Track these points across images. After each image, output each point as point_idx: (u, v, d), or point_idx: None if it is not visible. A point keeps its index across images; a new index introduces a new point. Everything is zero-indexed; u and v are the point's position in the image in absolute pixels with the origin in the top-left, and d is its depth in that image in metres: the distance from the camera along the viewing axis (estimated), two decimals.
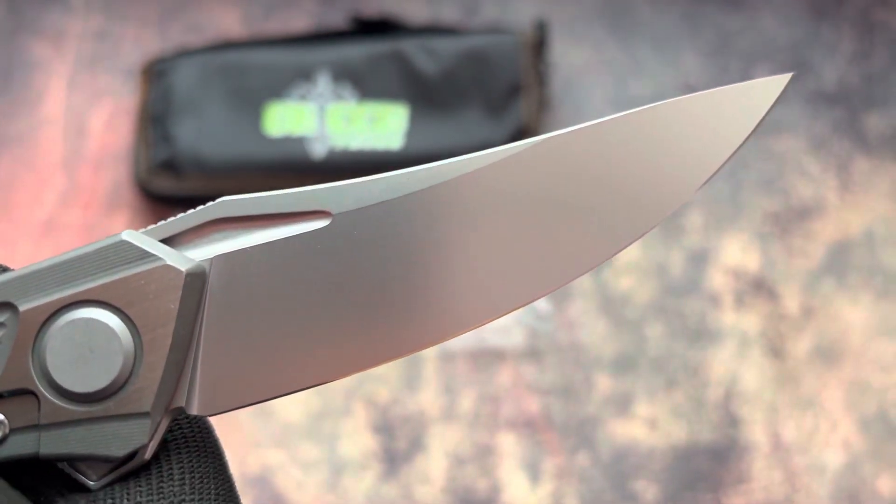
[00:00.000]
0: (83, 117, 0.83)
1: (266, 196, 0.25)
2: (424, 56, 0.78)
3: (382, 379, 0.75)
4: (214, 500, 0.25)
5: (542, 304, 0.76)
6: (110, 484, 0.25)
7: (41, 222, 0.80)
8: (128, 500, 0.24)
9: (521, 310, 0.78)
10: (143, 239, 0.25)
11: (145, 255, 0.24)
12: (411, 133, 0.77)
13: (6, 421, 0.24)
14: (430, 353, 0.75)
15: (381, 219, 0.25)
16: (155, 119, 0.79)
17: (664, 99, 0.26)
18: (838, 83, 0.83)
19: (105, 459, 0.24)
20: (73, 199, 0.80)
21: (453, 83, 0.77)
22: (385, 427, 0.73)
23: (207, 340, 0.25)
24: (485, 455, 0.73)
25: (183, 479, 0.25)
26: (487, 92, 0.77)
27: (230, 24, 0.86)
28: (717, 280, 0.77)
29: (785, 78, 0.26)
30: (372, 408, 0.74)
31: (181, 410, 0.25)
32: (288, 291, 0.25)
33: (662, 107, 0.26)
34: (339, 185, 0.25)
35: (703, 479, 0.72)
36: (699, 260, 0.78)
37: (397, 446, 0.73)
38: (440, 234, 0.25)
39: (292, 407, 0.74)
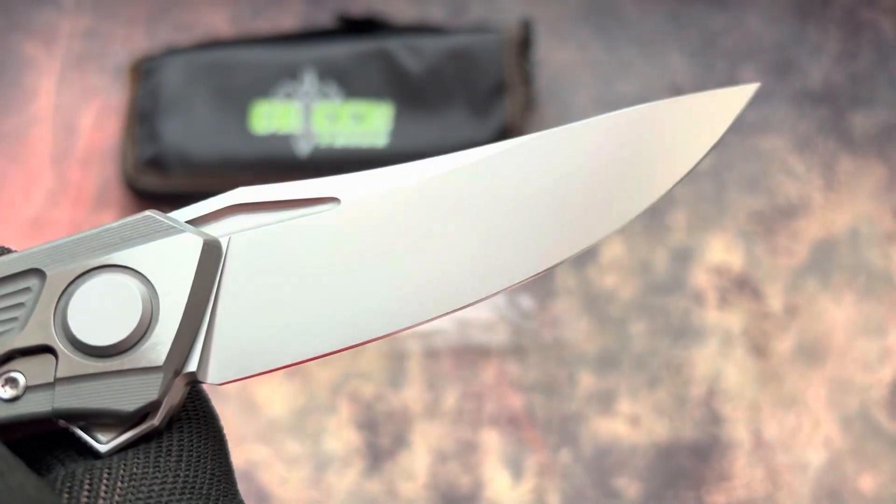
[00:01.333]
0: (72, 115, 0.84)
1: (279, 185, 0.28)
2: (409, 55, 0.78)
3: (367, 375, 0.75)
4: (209, 481, 0.26)
5: (525, 302, 0.77)
6: (120, 449, 0.25)
7: (29, 219, 0.80)
8: (124, 469, 0.25)
9: (505, 307, 0.78)
10: (166, 216, 0.27)
11: (168, 228, 0.26)
12: (396, 131, 0.77)
13: (24, 378, 0.25)
14: (414, 349, 0.75)
15: (386, 206, 0.27)
16: (142, 117, 0.79)
17: (649, 98, 0.28)
18: (824, 83, 0.83)
19: (116, 415, 0.25)
20: (62, 197, 0.81)
21: (438, 82, 0.78)
22: (369, 423, 0.74)
23: (221, 311, 0.26)
24: (468, 452, 0.73)
25: (181, 455, 0.26)
26: (472, 91, 0.78)
27: (218, 23, 0.86)
28: (701, 278, 0.77)
29: (751, 88, 0.29)
30: (356, 404, 0.74)
31: (193, 377, 0.26)
32: (298, 268, 0.27)
33: (637, 111, 0.28)
34: (348, 176, 0.28)
35: (686, 477, 0.72)
36: (683, 258, 0.78)
37: (381, 442, 0.73)
38: (436, 220, 0.27)
39: (277, 403, 0.74)
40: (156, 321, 0.26)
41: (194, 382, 0.27)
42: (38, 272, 0.26)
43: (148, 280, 0.26)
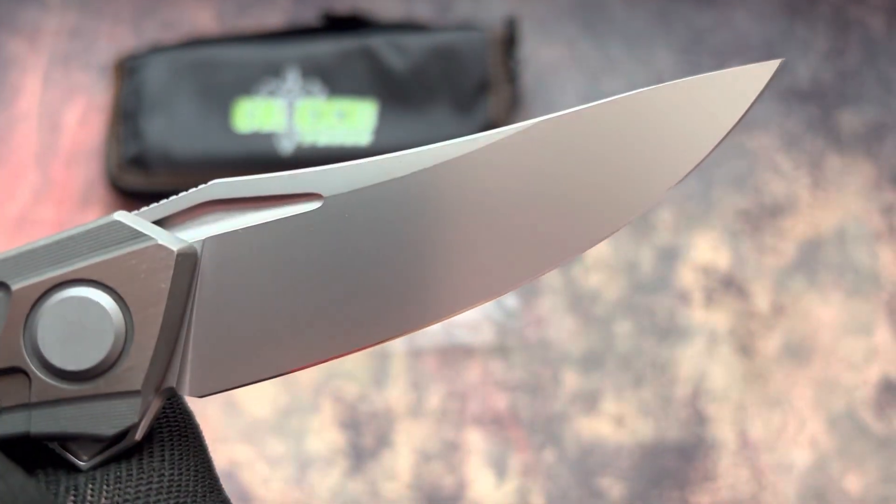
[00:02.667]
0: (57, 113, 0.83)
1: (257, 179, 0.26)
2: (394, 52, 0.78)
3: (350, 375, 0.75)
4: (193, 478, 0.25)
5: (510, 301, 0.76)
6: (101, 465, 0.24)
7: (13, 218, 0.80)
8: (108, 473, 0.24)
9: (489, 306, 0.77)
10: (136, 220, 0.25)
11: (137, 235, 0.25)
12: (380, 129, 0.77)
13: None
14: (398, 349, 0.75)
15: (371, 201, 0.25)
16: (126, 115, 0.79)
17: None
18: (812, 80, 0.83)
19: (95, 439, 0.24)
20: (46, 195, 0.80)
21: (422, 80, 0.77)
22: (352, 423, 0.73)
23: (199, 321, 0.25)
24: (451, 451, 0.73)
25: (163, 455, 0.25)
26: (456, 88, 0.77)
27: (204, 21, 0.86)
28: (687, 277, 0.77)
29: (773, 64, 0.26)
30: (339, 404, 0.74)
31: (172, 391, 0.25)
32: (279, 273, 0.25)
33: (649, 92, 0.26)
34: (330, 168, 0.26)
35: (670, 477, 0.72)
36: (669, 257, 0.78)
37: (364, 442, 0.73)
38: (427, 217, 0.25)
39: (259, 402, 0.74)
40: (130, 342, 0.24)
41: (173, 396, 0.25)
42: (2, 285, 0.24)
43: (119, 296, 0.24)
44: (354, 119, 0.77)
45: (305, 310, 0.25)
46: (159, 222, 0.26)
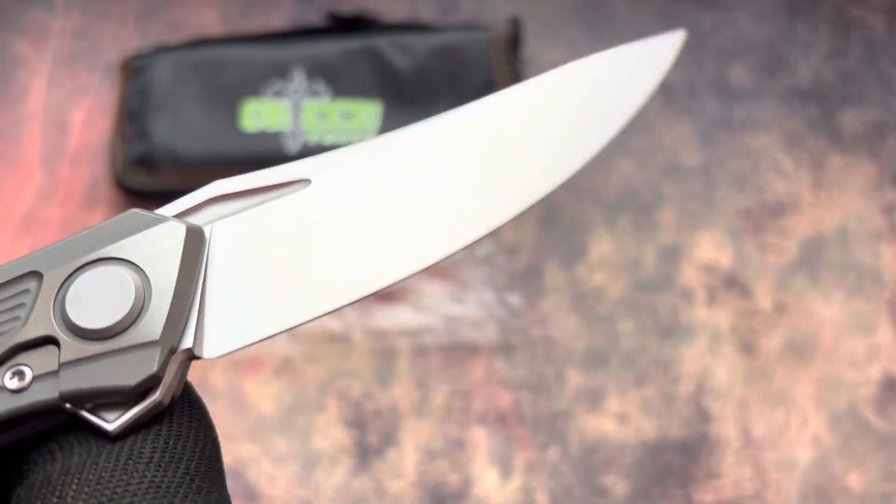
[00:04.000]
0: (62, 114, 0.84)
1: (255, 173, 0.30)
2: (398, 52, 0.78)
3: (355, 373, 0.75)
4: (199, 457, 0.28)
5: (514, 300, 0.77)
6: (128, 430, 0.27)
7: (19, 217, 0.80)
8: (131, 449, 0.26)
9: (493, 304, 0.77)
10: (151, 212, 0.29)
11: (153, 220, 0.29)
12: (384, 129, 0.77)
13: (30, 370, 0.27)
14: (403, 348, 0.75)
15: (354, 179, 0.30)
16: (131, 115, 0.79)
17: None
18: (813, 80, 0.83)
19: (120, 391, 0.27)
20: (52, 195, 0.81)
21: (426, 80, 0.78)
22: (357, 421, 0.74)
23: (210, 290, 0.29)
24: (456, 449, 0.73)
25: (180, 432, 0.28)
26: (460, 88, 0.78)
27: (209, 22, 0.87)
28: (690, 276, 0.77)
29: (680, 35, 0.31)
30: (344, 402, 0.74)
31: (190, 353, 0.28)
32: (276, 247, 0.29)
33: (580, 63, 0.31)
34: (320, 156, 0.31)
35: (674, 475, 0.72)
36: (672, 256, 0.78)
37: (369, 440, 0.73)
38: (404, 183, 0.30)
39: (265, 401, 0.74)
40: (148, 302, 0.27)
41: (191, 358, 0.28)
42: (35, 274, 0.28)
43: (138, 267, 0.28)
44: (359, 119, 0.78)
45: (301, 274, 0.29)
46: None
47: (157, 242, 0.28)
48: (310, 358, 0.75)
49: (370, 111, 0.78)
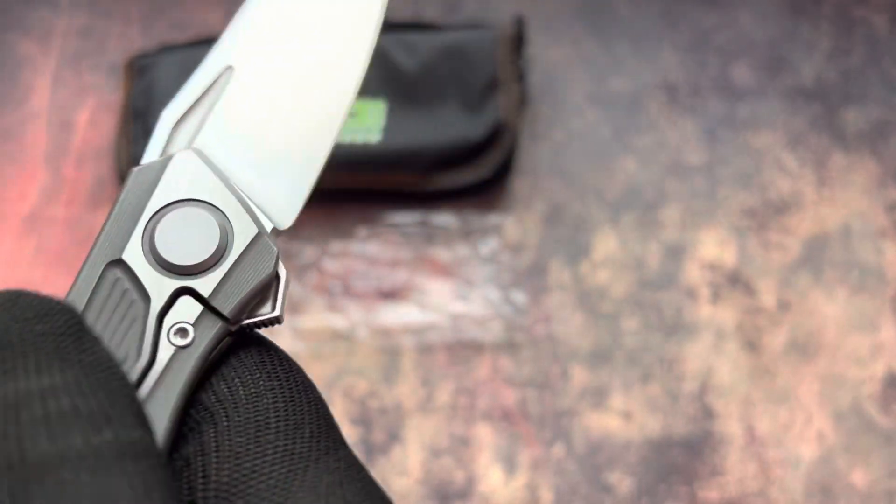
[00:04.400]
0: (67, 113, 0.84)
1: (186, 86, 0.32)
2: (403, 52, 0.79)
3: (360, 371, 0.75)
4: (317, 419, 0.29)
5: (519, 297, 0.77)
6: (282, 308, 0.30)
7: (24, 216, 0.80)
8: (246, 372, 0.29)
9: (499, 303, 0.77)
10: (148, 162, 0.30)
11: (162, 163, 0.30)
12: (389, 128, 0.77)
13: (184, 323, 0.28)
14: (407, 345, 0.76)
15: (263, 51, 0.33)
16: (136, 114, 0.79)
17: (643, 95, 0.33)
18: (816, 79, 0.84)
19: (267, 280, 0.29)
20: (57, 195, 0.81)
21: (431, 79, 0.78)
22: (362, 419, 0.74)
23: (239, 185, 0.31)
24: (461, 447, 0.73)
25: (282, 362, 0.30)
26: (465, 88, 0.78)
27: (214, 21, 0.87)
28: (694, 274, 0.78)
29: None
30: (349, 400, 0.74)
31: (276, 230, 0.30)
32: (249, 128, 0.32)
33: None
34: (221, 43, 0.34)
35: (678, 472, 0.72)
36: (676, 254, 0.78)
37: (374, 438, 0.73)
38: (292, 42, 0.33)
39: None
40: (225, 216, 0.29)
41: (278, 234, 0.30)
42: (113, 263, 0.29)
43: (192, 200, 0.29)
44: (364, 118, 0.78)
45: (283, 128, 0.32)
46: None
47: (186, 173, 0.30)
48: (315, 355, 0.76)
49: (375, 110, 0.78)
